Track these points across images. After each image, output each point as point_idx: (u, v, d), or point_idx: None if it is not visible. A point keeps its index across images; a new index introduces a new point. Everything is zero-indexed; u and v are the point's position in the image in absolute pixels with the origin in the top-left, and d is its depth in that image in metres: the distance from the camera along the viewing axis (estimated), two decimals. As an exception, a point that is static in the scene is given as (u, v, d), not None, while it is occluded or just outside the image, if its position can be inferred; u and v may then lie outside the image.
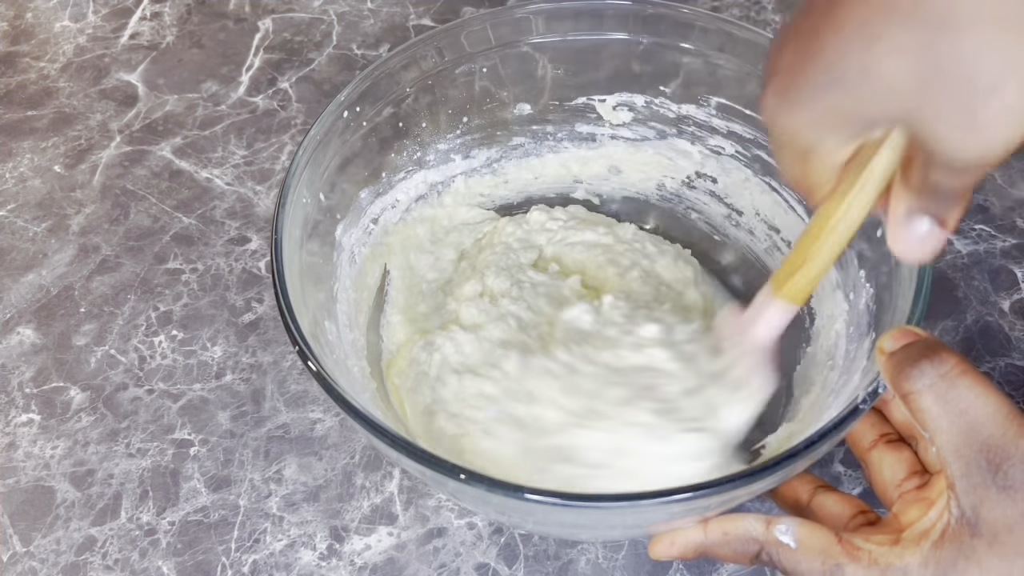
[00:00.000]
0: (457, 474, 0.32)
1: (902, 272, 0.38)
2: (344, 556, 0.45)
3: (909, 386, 0.30)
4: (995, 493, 0.28)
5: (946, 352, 0.30)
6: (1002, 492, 0.28)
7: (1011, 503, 0.28)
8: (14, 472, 0.49)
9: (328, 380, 0.35)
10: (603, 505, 0.31)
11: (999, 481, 0.28)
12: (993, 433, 0.28)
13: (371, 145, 0.48)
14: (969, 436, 0.29)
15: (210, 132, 0.66)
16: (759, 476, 0.31)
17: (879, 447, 0.37)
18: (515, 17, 0.48)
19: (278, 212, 0.40)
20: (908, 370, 0.30)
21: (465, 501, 0.40)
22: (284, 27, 0.73)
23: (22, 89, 0.69)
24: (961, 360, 0.29)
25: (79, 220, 0.61)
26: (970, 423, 0.29)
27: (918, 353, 0.30)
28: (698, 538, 0.35)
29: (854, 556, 0.32)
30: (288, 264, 0.39)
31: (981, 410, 0.28)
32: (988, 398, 0.29)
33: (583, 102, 0.52)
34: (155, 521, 0.47)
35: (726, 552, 0.35)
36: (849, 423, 0.33)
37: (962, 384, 0.29)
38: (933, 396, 0.29)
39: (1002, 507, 0.28)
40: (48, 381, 0.53)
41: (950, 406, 0.29)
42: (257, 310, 0.55)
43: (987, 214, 0.58)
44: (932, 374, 0.29)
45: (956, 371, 0.29)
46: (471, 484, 0.31)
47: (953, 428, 0.29)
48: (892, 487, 0.36)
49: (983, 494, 0.28)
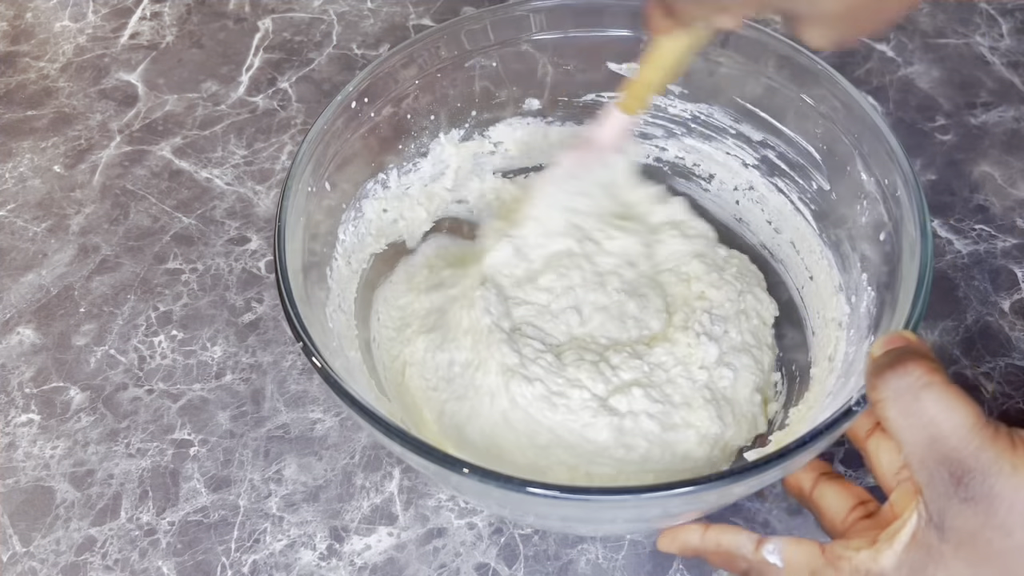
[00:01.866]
0: (459, 468, 0.32)
1: (903, 272, 0.38)
2: (344, 556, 0.45)
3: (876, 395, 0.30)
4: (957, 504, 0.28)
5: (913, 362, 0.29)
6: (964, 503, 0.28)
7: (972, 514, 0.28)
8: (14, 472, 0.49)
9: (333, 376, 0.35)
10: (602, 498, 0.32)
11: (961, 493, 0.28)
12: (956, 446, 0.28)
13: (371, 144, 0.48)
14: (932, 448, 0.28)
15: (210, 132, 0.65)
16: (750, 474, 0.32)
17: (876, 435, 0.38)
18: (515, 15, 0.48)
19: (281, 209, 0.40)
20: (875, 379, 0.30)
21: (468, 495, 0.40)
22: (284, 27, 0.73)
23: (22, 89, 0.69)
24: (930, 370, 0.29)
25: (79, 220, 0.61)
26: (932, 436, 0.28)
27: (887, 363, 0.30)
28: (695, 541, 0.37)
29: (836, 566, 0.32)
30: (291, 261, 0.39)
31: (945, 423, 0.28)
32: (953, 411, 0.28)
33: (592, 99, 0.52)
34: (155, 521, 0.47)
35: (716, 560, 0.36)
36: (841, 425, 0.33)
37: (927, 396, 0.29)
38: (897, 408, 0.29)
39: (964, 517, 0.28)
40: (48, 381, 0.53)
41: (913, 418, 0.29)
42: (257, 310, 0.55)
43: (987, 214, 0.58)
44: (896, 385, 0.29)
45: (921, 382, 0.29)
46: (474, 478, 0.32)
47: (916, 439, 0.29)
48: (890, 475, 0.36)
49: (946, 503, 0.29)
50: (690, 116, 0.51)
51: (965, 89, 0.65)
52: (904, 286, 0.37)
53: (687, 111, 0.51)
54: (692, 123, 0.51)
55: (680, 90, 0.50)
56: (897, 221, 0.39)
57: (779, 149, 0.48)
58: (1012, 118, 0.63)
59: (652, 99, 0.46)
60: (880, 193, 0.41)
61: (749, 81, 0.47)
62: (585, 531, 0.45)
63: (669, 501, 0.32)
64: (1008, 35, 0.68)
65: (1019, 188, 0.59)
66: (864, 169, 0.42)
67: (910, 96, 0.65)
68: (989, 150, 0.61)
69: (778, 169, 0.49)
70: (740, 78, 0.47)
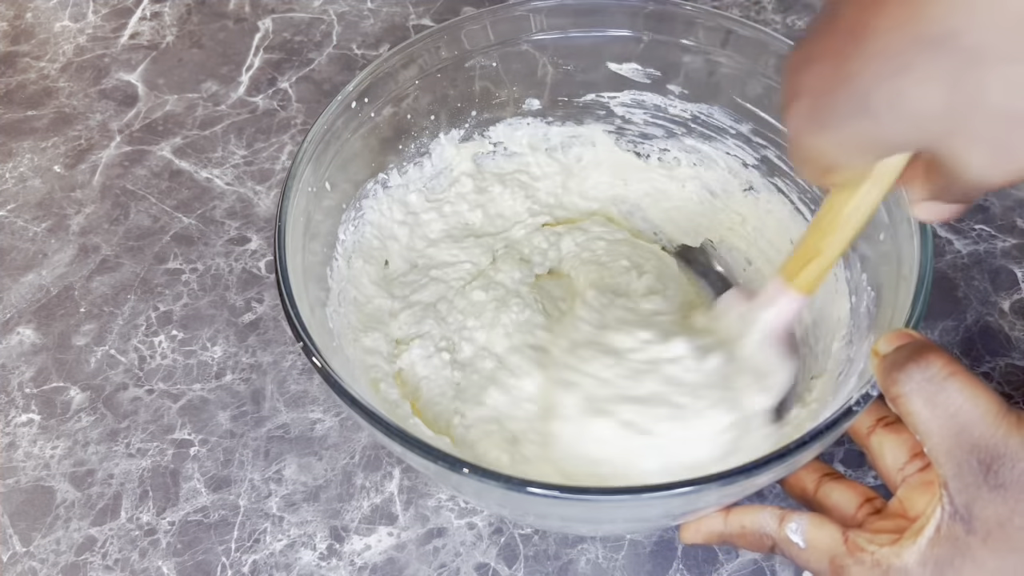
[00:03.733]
0: (460, 468, 0.32)
1: (903, 271, 0.38)
2: (344, 556, 0.45)
3: (897, 390, 0.30)
4: (987, 492, 0.28)
5: (934, 354, 0.30)
6: (994, 491, 0.28)
7: (1002, 501, 0.28)
8: (14, 472, 0.49)
9: (333, 376, 0.35)
10: (602, 498, 0.32)
11: (991, 480, 0.28)
12: (983, 433, 0.28)
13: (371, 144, 0.48)
14: (959, 438, 0.29)
15: (210, 132, 0.65)
16: (750, 474, 0.32)
17: (878, 431, 0.38)
18: (515, 15, 0.48)
19: (281, 209, 0.40)
20: (896, 374, 0.30)
21: (467, 495, 0.40)
22: (284, 27, 0.73)
23: (22, 89, 0.69)
24: (949, 361, 0.29)
25: (79, 220, 0.61)
26: (960, 425, 0.29)
27: (906, 356, 0.30)
28: (719, 527, 0.37)
29: (858, 558, 0.32)
30: (291, 261, 0.39)
31: (971, 411, 0.28)
32: (978, 399, 0.29)
33: (592, 99, 0.52)
34: (155, 521, 0.47)
35: (743, 543, 0.37)
36: (841, 425, 0.33)
37: (951, 386, 0.29)
38: (922, 399, 0.29)
39: (994, 505, 0.28)
40: (48, 381, 0.53)
41: (939, 409, 0.29)
42: (257, 310, 0.55)
43: (987, 214, 0.58)
44: (919, 377, 0.29)
45: (944, 373, 0.29)
46: (473, 477, 0.32)
47: (943, 431, 0.29)
48: (895, 471, 0.36)
49: (975, 493, 0.29)
50: (690, 116, 0.51)
51: (965, 89, 0.65)
52: (904, 286, 0.37)
53: (687, 111, 0.51)
54: (692, 123, 0.51)
55: (680, 90, 0.50)
56: (896, 221, 0.39)
57: (779, 149, 0.48)
58: (1012, 118, 0.63)
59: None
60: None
61: (749, 81, 0.47)
62: (585, 531, 0.45)
63: (669, 501, 0.32)
64: (1008, 35, 0.68)
65: (1019, 188, 0.59)
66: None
67: (910, 96, 0.65)
68: (989, 150, 0.61)
69: (778, 169, 0.49)
70: (740, 78, 0.47)
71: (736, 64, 0.46)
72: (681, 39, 0.47)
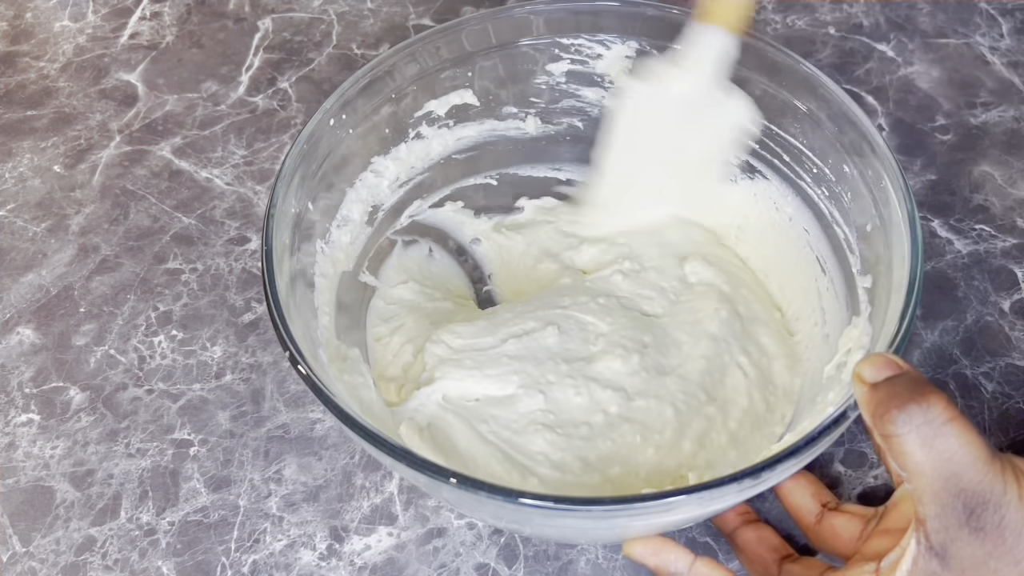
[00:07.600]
0: (448, 478, 0.32)
1: (894, 274, 0.38)
2: (344, 556, 0.45)
3: (894, 429, 0.29)
4: (967, 534, 0.29)
5: (934, 396, 0.29)
6: (973, 534, 0.29)
7: (980, 544, 0.29)
8: (14, 472, 0.49)
9: (319, 386, 0.35)
10: (594, 510, 0.31)
11: (972, 523, 0.29)
12: (972, 479, 0.28)
13: (369, 144, 0.48)
14: (949, 482, 0.29)
15: (210, 132, 0.66)
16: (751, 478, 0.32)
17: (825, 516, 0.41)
18: (515, 16, 0.48)
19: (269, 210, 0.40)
20: (894, 412, 0.29)
21: (462, 507, 0.40)
22: (284, 27, 0.73)
23: (22, 89, 0.69)
24: (948, 405, 0.29)
25: (79, 220, 0.61)
26: (953, 470, 0.28)
27: (906, 394, 0.29)
28: (652, 562, 0.39)
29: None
30: (279, 268, 0.39)
31: (964, 457, 0.28)
32: (971, 445, 0.28)
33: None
34: (155, 521, 0.47)
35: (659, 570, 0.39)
36: (816, 445, 0.33)
37: (948, 432, 0.28)
38: (919, 442, 0.29)
39: (971, 547, 0.29)
40: (48, 381, 0.53)
41: (934, 452, 0.29)
42: (257, 310, 0.55)
43: (987, 214, 0.58)
44: (920, 419, 0.29)
45: (943, 417, 0.29)
46: (463, 489, 0.31)
47: (934, 473, 0.29)
48: (854, 543, 0.39)
49: (955, 534, 0.29)
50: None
51: (965, 89, 0.65)
52: (896, 287, 0.37)
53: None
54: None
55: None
56: (886, 221, 0.40)
57: (775, 151, 0.48)
58: (1012, 118, 0.63)
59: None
60: (870, 193, 0.41)
61: (744, 86, 0.47)
62: (582, 541, 0.45)
63: (663, 510, 0.32)
64: (1008, 35, 0.68)
65: (1019, 188, 0.59)
66: (855, 169, 0.43)
67: (910, 96, 0.65)
68: (989, 150, 0.61)
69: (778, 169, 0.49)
70: (738, 82, 0.47)
71: (736, 69, 0.47)
72: (678, 44, 0.47)
